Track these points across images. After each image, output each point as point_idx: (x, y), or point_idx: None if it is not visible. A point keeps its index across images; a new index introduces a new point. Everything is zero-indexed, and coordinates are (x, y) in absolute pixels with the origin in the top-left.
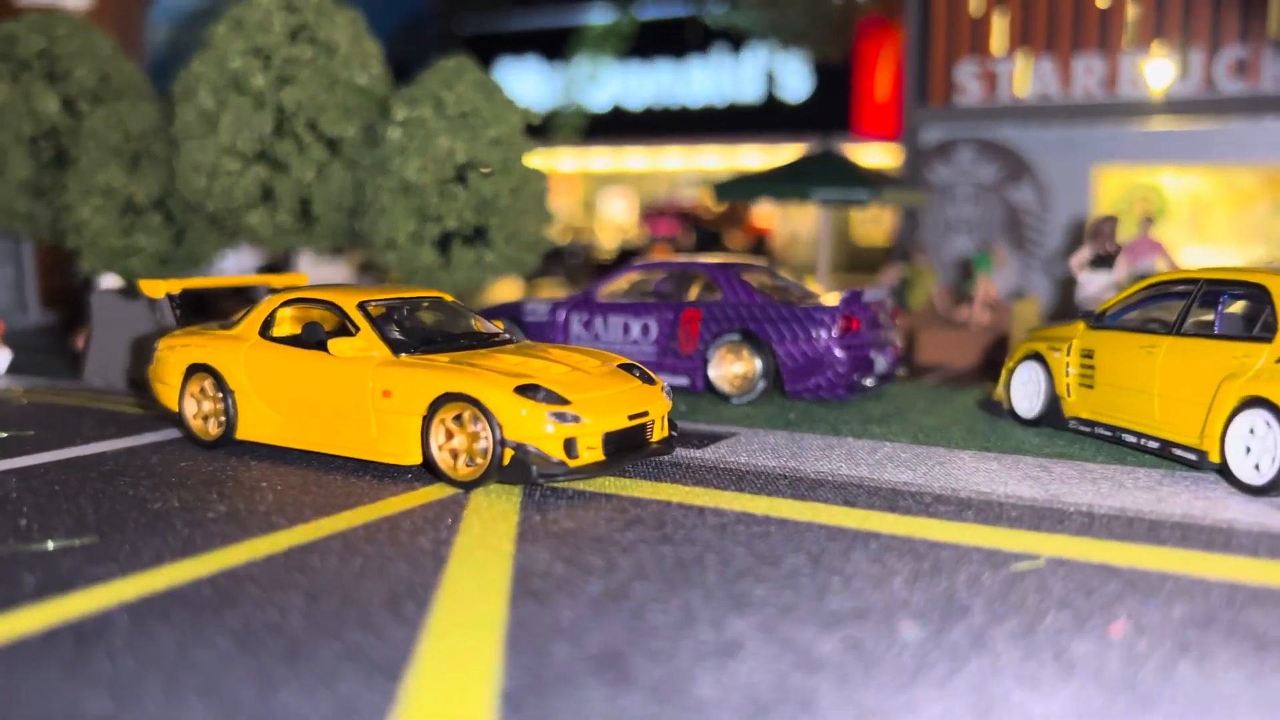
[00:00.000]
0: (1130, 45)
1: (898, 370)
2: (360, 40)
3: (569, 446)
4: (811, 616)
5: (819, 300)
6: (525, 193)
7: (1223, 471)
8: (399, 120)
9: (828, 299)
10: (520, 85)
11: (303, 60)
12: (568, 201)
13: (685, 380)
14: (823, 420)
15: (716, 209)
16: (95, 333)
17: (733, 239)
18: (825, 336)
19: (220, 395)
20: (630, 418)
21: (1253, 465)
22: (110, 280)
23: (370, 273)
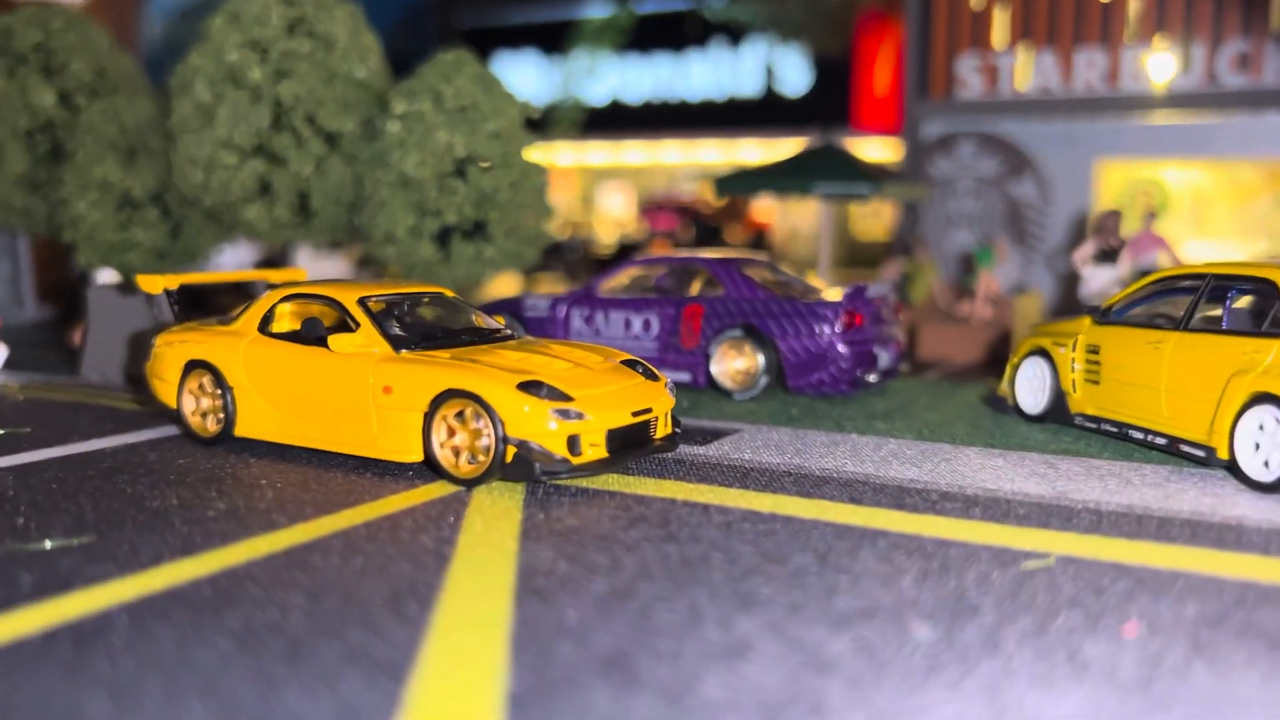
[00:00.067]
0: (1132, 39)
1: (901, 366)
2: (359, 34)
3: (572, 444)
4: (820, 616)
5: (821, 295)
6: (525, 187)
7: (1231, 468)
8: (398, 114)
9: (830, 294)
10: (518, 79)
11: (301, 54)
12: (566, 196)
13: (687, 376)
14: (826, 416)
15: (716, 204)
16: (92, 328)
17: (732, 234)
18: (828, 332)
19: (219, 391)
20: (634, 414)
21: (1261, 462)
22: (107, 275)
23: (368, 267)
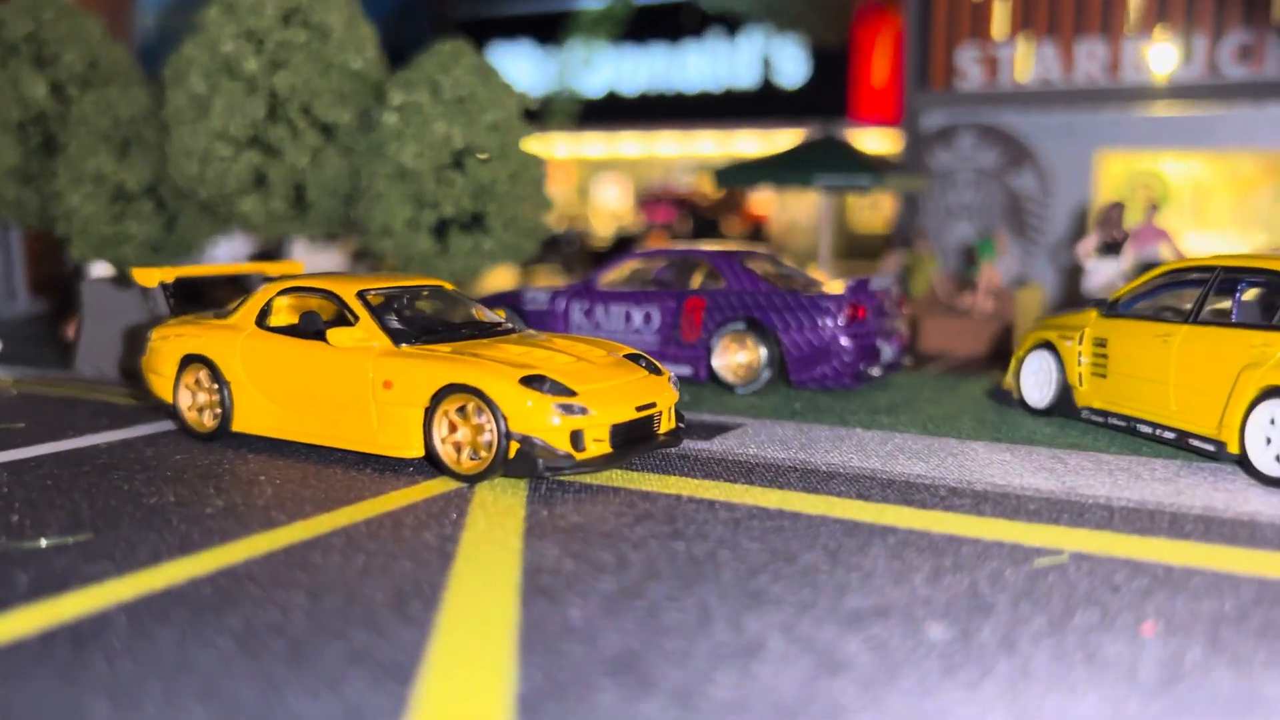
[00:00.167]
0: (1133, 30)
1: (903, 359)
2: (355, 24)
3: (575, 439)
4: (832, 615)
5: (824, 288)
6: (523, 178)
7: (1242, 463)
8: (395, 105)
9: (833, 287)
10: (513, 70)
11: (296, 44)
12: (562, 188)
13: (688, 370)
14: (829, 410)
15: (713, 196)
16: (86, 322)
17: (730, 226)
18: (831, 325)
19: (216, 386)
20: (638, 409)
21: (1273, 457)
22: (101, 268)
23: (364, 260)
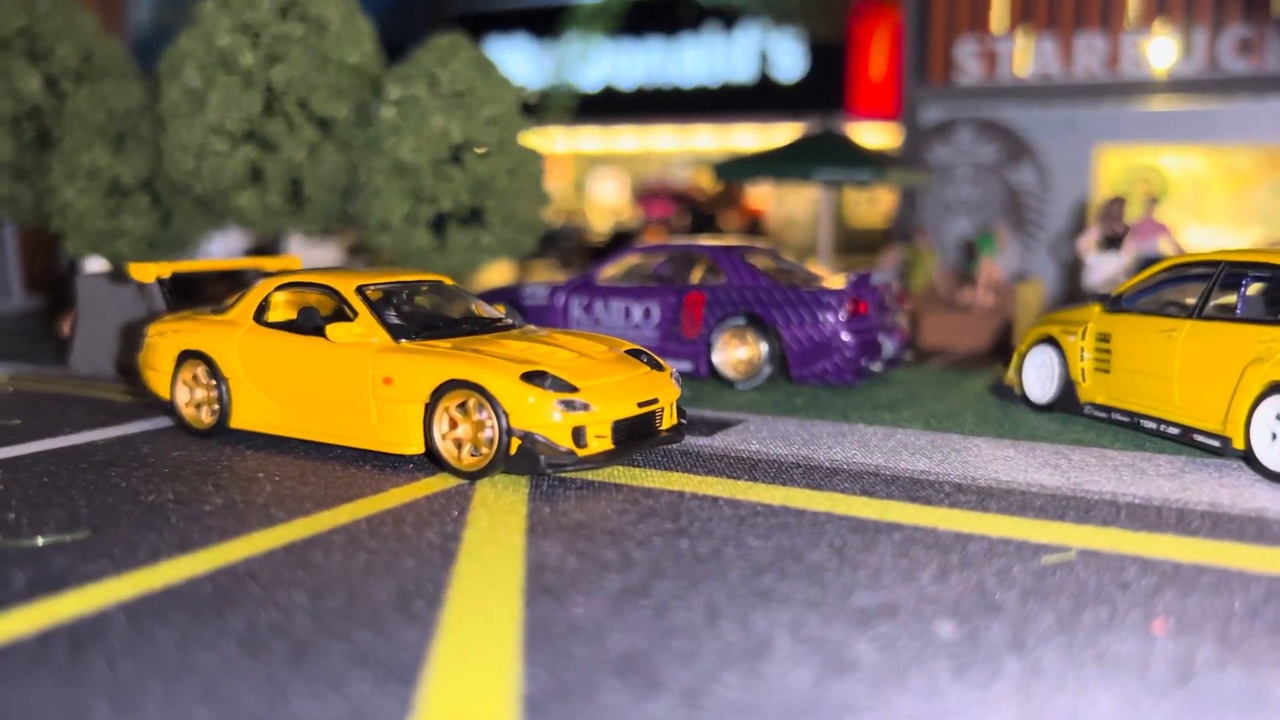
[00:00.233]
0: (1133, 24)
1: (904, 354)
2: (352, 17)
3: (577, 435)
4: (839, 614)
5: (825, 283)
6: (522, 173)
7: (1247, 458)
8: (392, 99)
9: (834, 281)
10: (510, 64)
11: (293, 38)
12: (559, 183)
13: (688, 365)
14: (831, 406)
15: (711, 190)
16: (82, 318)
17: (728, 220)
18: (832, 320)
19: (213, 383)
20: (640, 405)
21: (1279, 452)
22: (96, 264)
23: (361, 255)
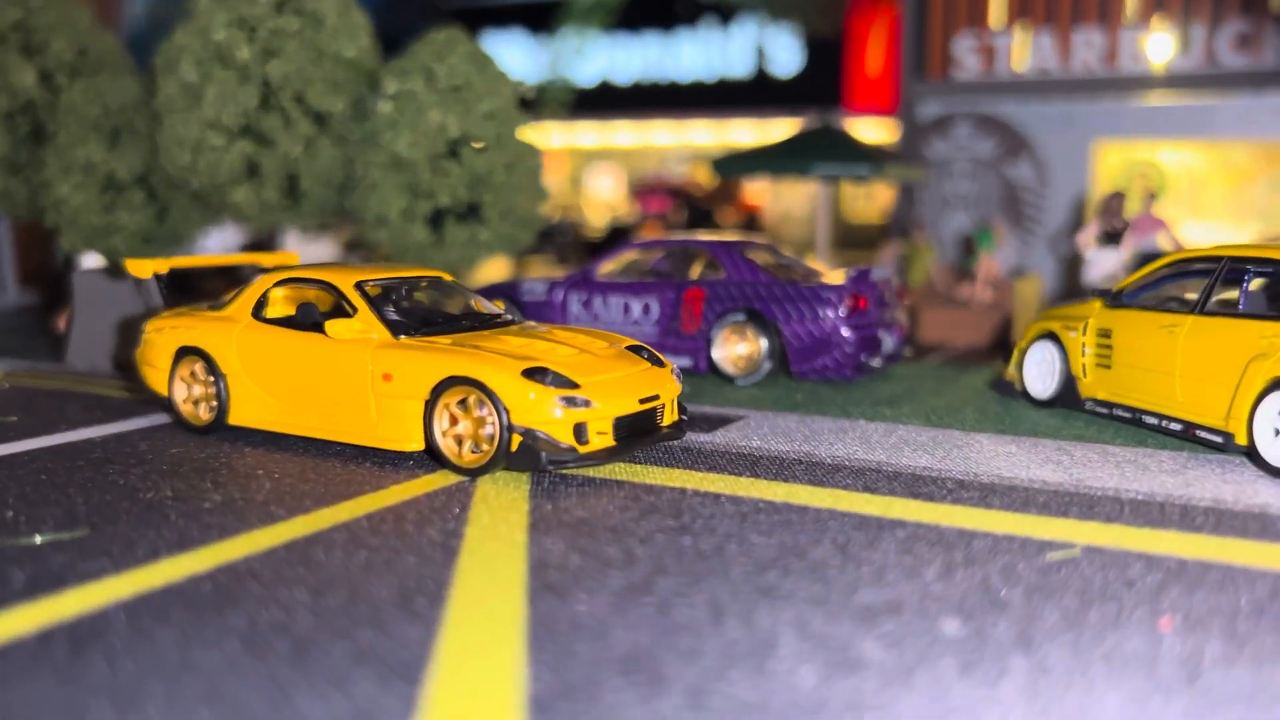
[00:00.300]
0: (1131, 19)
1: (904, 350)
2: (348, 12)
3: (579, 432)
4: (844, 611)
5: (824, 278)
6: (520, 168)
7: (1250, 454)
8: (389, 94)
9: (833, 277)
10: (506, 59)
11: (289, 32)
12: (555, 178)
13: (688, 361)
14: (831, 402)
15: (708, 186)
16: (78, 314)
17: (725, 216)
18: (832, 316)
19: (212, 379)
20: (641, 401)
21: None
22: (91, 259)
23: (358, 251)
